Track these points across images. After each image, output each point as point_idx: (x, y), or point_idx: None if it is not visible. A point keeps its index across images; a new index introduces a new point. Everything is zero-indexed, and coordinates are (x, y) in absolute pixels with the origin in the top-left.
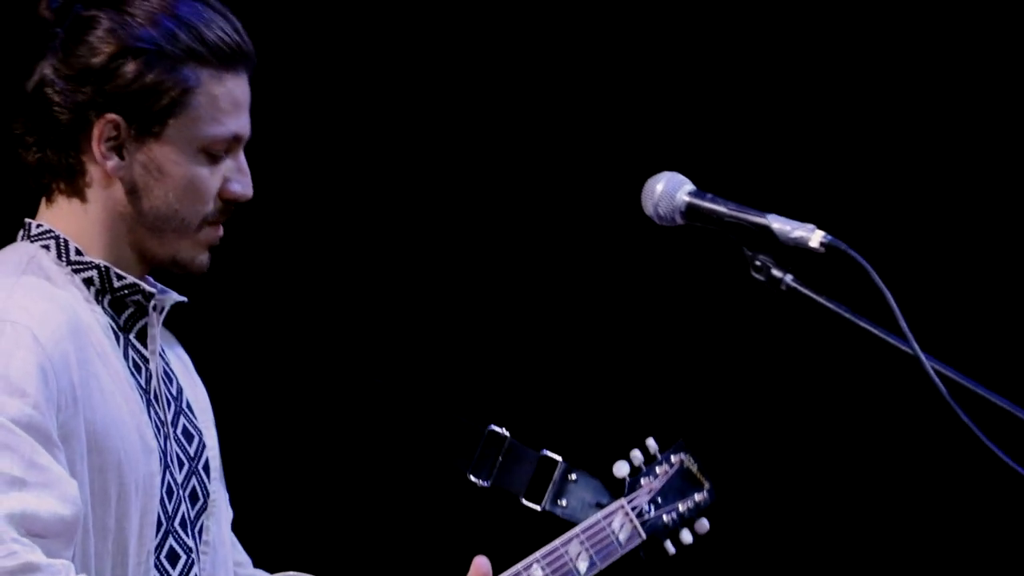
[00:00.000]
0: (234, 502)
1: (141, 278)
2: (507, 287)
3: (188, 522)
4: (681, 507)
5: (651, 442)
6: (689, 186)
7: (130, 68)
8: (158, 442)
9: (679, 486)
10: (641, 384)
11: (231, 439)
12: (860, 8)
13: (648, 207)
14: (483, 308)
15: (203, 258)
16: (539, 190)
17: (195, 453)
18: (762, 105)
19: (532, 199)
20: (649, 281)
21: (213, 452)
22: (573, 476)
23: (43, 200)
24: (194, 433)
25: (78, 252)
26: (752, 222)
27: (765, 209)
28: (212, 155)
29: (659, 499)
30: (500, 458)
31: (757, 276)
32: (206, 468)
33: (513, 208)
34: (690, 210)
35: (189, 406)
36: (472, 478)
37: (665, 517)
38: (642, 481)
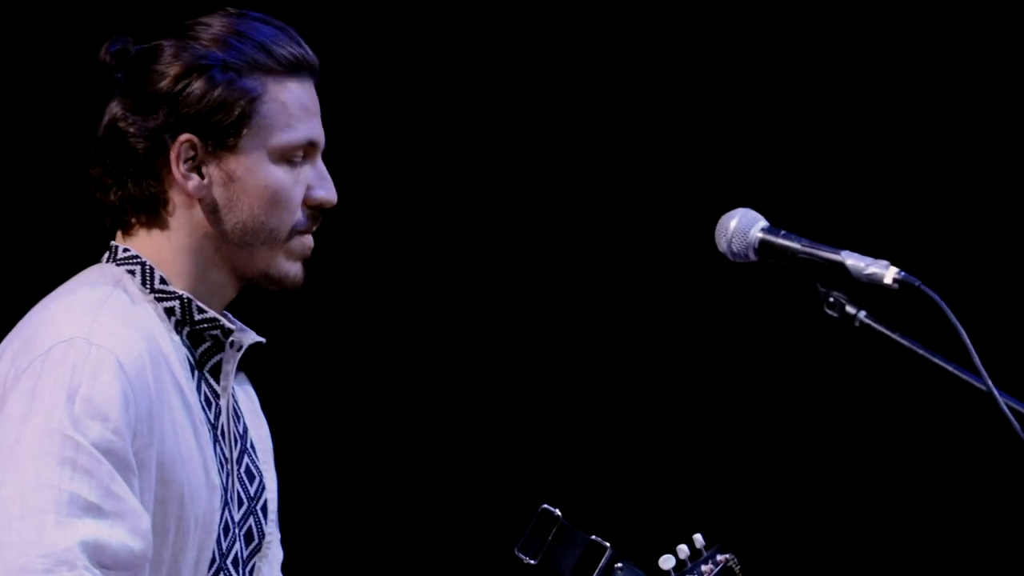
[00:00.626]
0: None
1: (222, 313)
2: (579, 365)
3: (240, 561)
4: None
5: (698, 538)
6: (762, 222)
7: (197, 86)
8: (221, 479)
9: None
10: (696, 476)
11: (287, 482)
12: (940, 48)
13: (721, 244)
14: (552, 386)
15: (296, 270)
16: (601, 253)
17: (255, 493)
18: (836, 141)
19: (590, 264)
20: (717, 370)
21: (272, 495)
22: (619, 565)
23: (119, 234)
24: (256, 473)
25: (163, 281)
26: (825, 258)
27: (837, 245)
28: (290, 162)
29: None
30: (549, 538)
31: (831, 313)
32: (264, 509)
33: (570, 276)
34: (763, 246)
35: (253, 446)
36: (520, 555)
37: None
38: None
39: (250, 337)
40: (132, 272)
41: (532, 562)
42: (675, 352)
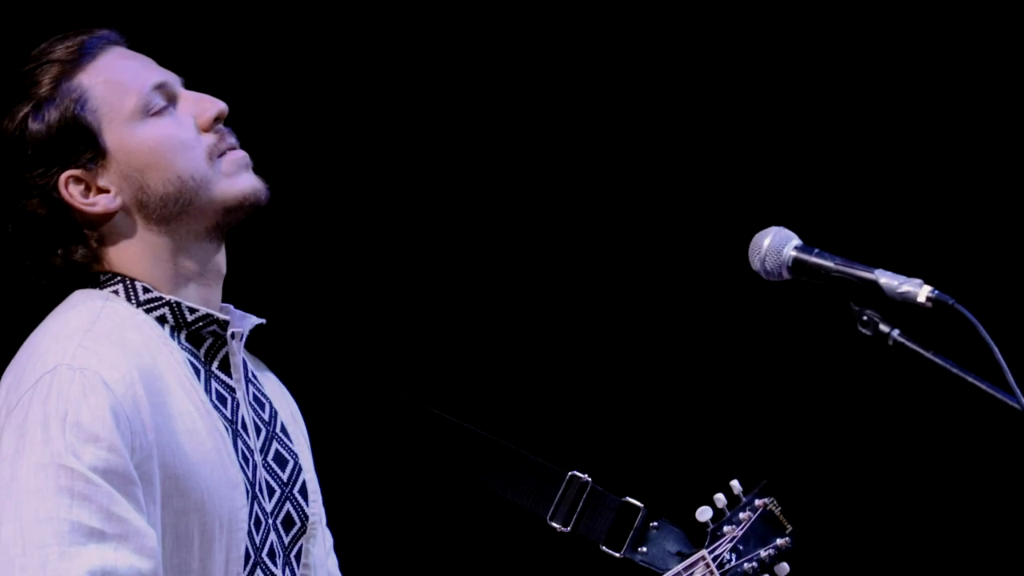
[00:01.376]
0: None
1: (221, 307)
2: (594, 330)
3: (279, 551)
4: (763, 553)
5: (735, 484)
6: (796, 241)
7: (33, 127)
8: (244, 474)
9: (761, 531)
10: (727, 426)
11: (324, 466)
12: (980, 71)
13: (755, 262)
14: (568, 351)
15: (247, 182)
16: (616, 226)
17: (289, 477)
18: (871, 161)
19: (604, 234)
20: (740, 325)
21: (310, 474)
22: (654, 523)
23: (77, 288)
24: (288, 457)
25: (146, 290)
26: (859, 277)
27: (871, 264)
28: (155, 114)
29: (740, 547)
30: (581, 504)
31: (864, 331)
32: (303, 492)
33: (592, 244)
34: (797, 265)
35: (284, 429)
36: (552, 523)
37: (746, 565)
38: (724, 529)
39: (250, 322)
40: (116, 291)
41: (566, 530)
42: (697, 345)
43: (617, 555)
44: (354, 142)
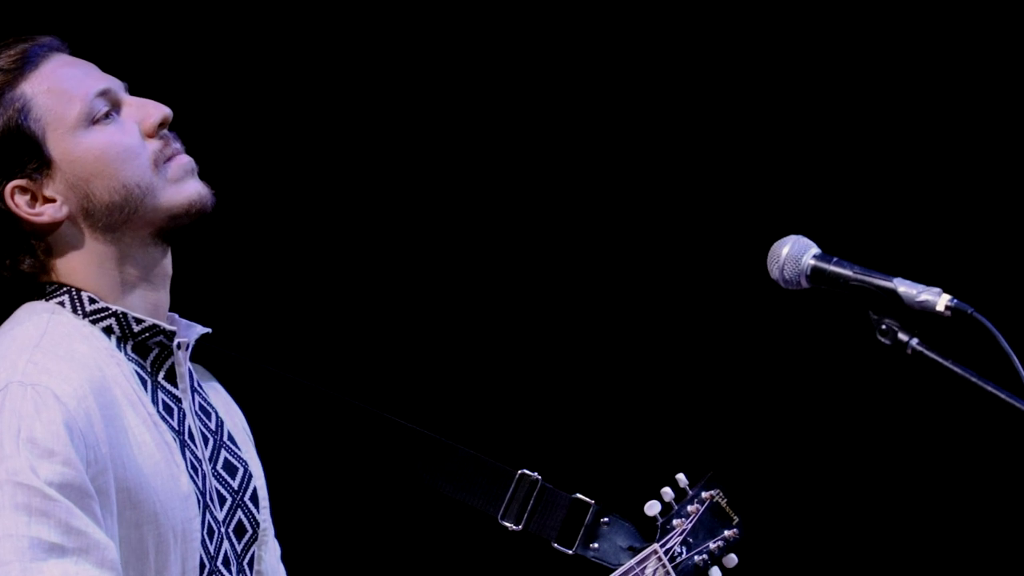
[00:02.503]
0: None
1: (167, 316)
2: (532, 327)
3: (233, 559)
4: (712, 545)
5: (681, 477)
6: (815, 249)
7: None
8: (195, 484)
9: (709, 524)
10: (671, 420)
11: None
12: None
13: (774, 270)
14: (510, 349)
15: (192, 188)
16: (570, 213)
17: (240, 485)
18: (889, 169)
19: (558, 220)
20: (681, 316)
21: (260, 481)
22: (605, 519)
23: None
24: (237, 465)
25: (92, 301)
26: (878, 285)
27: (890, 272)
28: (98, 121)
29: (690, 539)
30: (531, 502)
31: (883, 340)
32: (253, 498)
33: (537, 234)
34: (815, 273)
35: (231, 438)
36: (503, 522)
37: (697, 558)
38: (674, 522)
39: (196, 332)
40: (62, 303)
41: (517, 528)
42: (637, 307)
43: (569, 552)
44: (310, 142)
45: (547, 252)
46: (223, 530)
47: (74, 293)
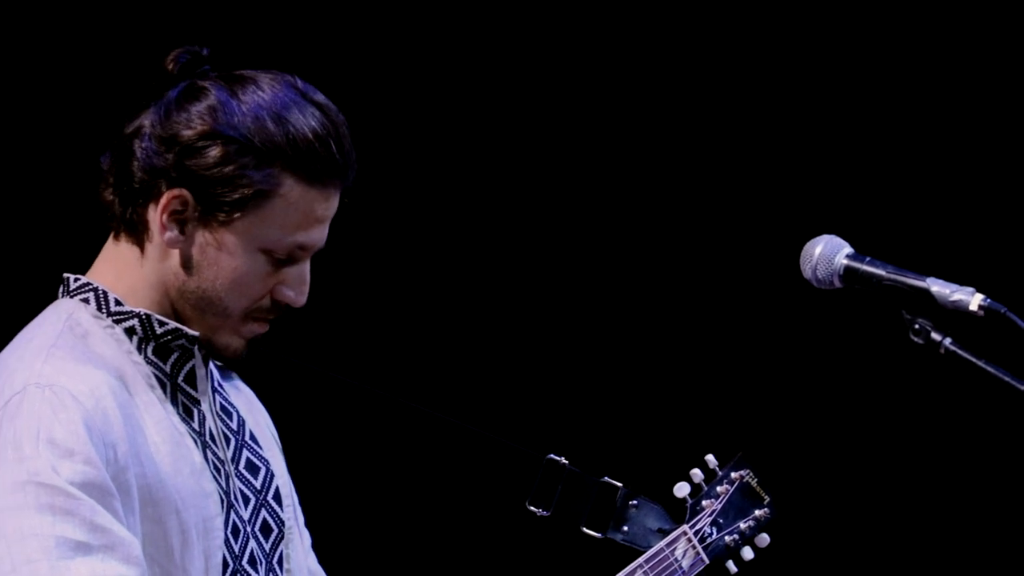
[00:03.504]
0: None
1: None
2: (558, 315)
3: (261, 558)
4: (743, 525)
5: (711, 458)
6: (847, 249)
7: (213, 153)
8: (218, 484)
9: (740, 503)
10: (700, 401)
11: (295, 464)
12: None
13: (806, 270)
14: (537, 336)
15: (237, 346)
16: (593, 209)
17: (262, 485)
18: (922, 168)
19: (579, 215)
20: (709, 303)
21: (282, 480)
22: (634, 502)
23: (111, 237)
24: (260, 464)
25: (118, 303)
26: (911, 285)
27: (924, 272)
28: (273, 257)
29: (720, 520)
30: (560, 487)
31: (916, 339)
32: (276, 498)
33: (560, 224)
34: (848, 273)
35: (253, 437)
36: (531, 508)
37: (727, 538)
38: (703, 503)
39: None
40: (86, 300)
41: (545, 513)
42: (664, 295)
43: (599, 536)
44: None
45: (580, 236)
46: (249, 529)
47: (100, 292)
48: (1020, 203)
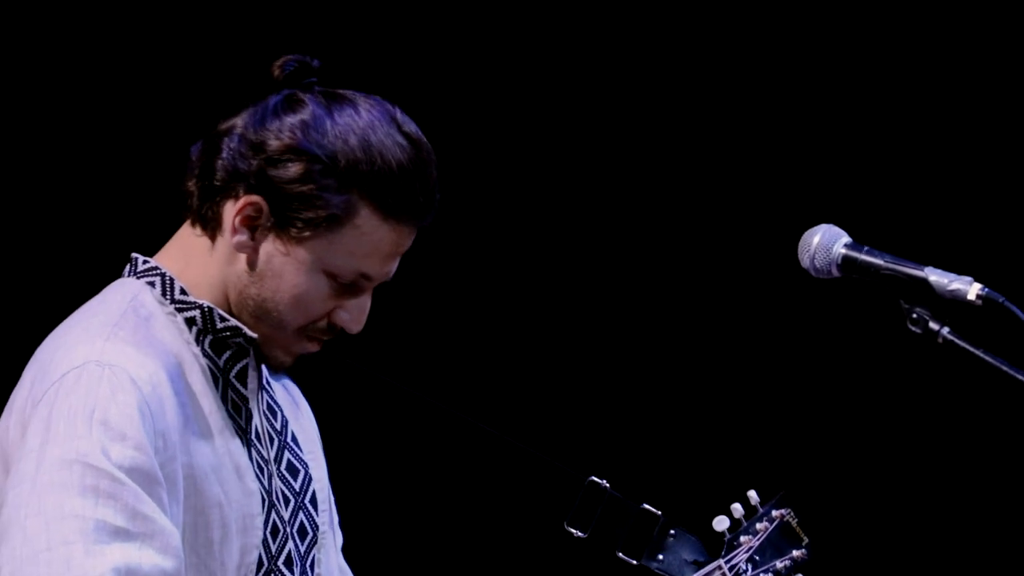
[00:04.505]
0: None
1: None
2: (609, 336)
3: (297, 559)
4: (779, 564)
5: (752, 494)
6: (845, 238)
7: (295, 168)
8: (260, 483)
9: (777, 542)
10: (745, 436)
11: (335, 466)
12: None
13: (804, 259)
14: (586, 357)
15: (285, 359)
16: (648, 238)
17: (300, 488)
18: (920, 157)
19: (626, 245)
20: (763, 336)
21: (320, 484)
22: (672, 531)
23: (186, 224)
24: (299, 467)
25: (183, 292)
26: (908, 274)
27: (922, 262)
28: (336, 281)
29: (757, 557)
30: (599, 510)
31: (913, 328)
32: (313, 501)
33: (607, 254)
34: (846, 262)
35: (295, 438)
36: (569, 528)
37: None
38: (741, 539)
39: None
40: (152, 283)
41: (583, 535)
42: (718, 324)
43: (634, 562)
44: None
45: (614, 262)
46: (288, 530)
47: (168, 278)
48: (1018, 193)
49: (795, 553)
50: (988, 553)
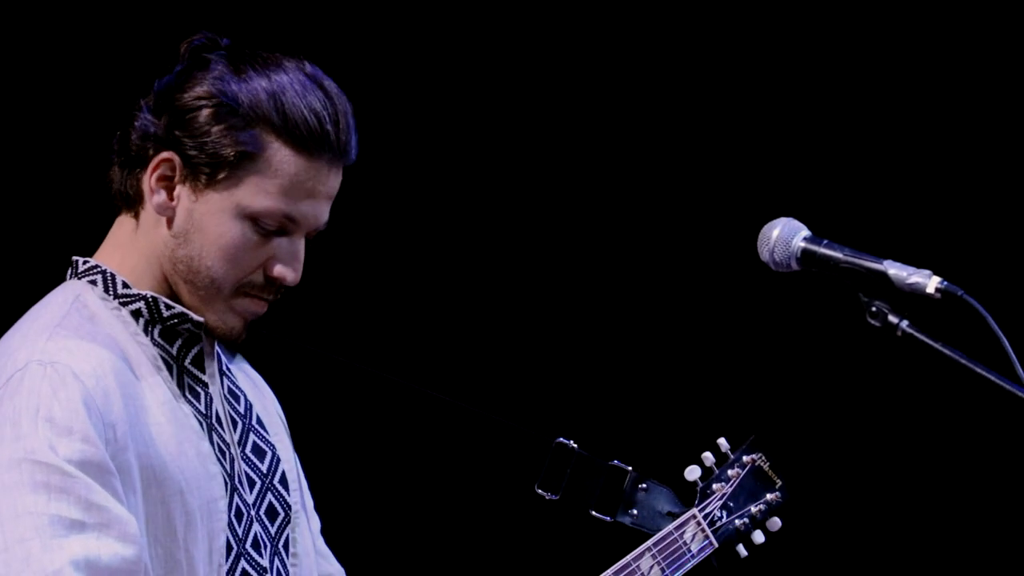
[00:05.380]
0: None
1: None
2: (564, 296)
3: (266, 541)
4: (753, 509)
5: (722, 442)
6: (805, 232)
7: (204, 114)
8: (222, 466)
9: (751, 487)
10: (710, 384)
11: (305, 450)
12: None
13: (764, 253)
14: (547, 320)
15: (234, 324)
16: (597, 196)
17: (268, 469)
18: (878, 150)
19: (581, 203)
20: (721, 290)
21: (288, 464)
22: (643, 485)
23: (116, 220)
24: (266, 448)
25: (125, 285)
26: (868, 268)
27: (881, 255)
28: (260, 226)
29: (731, 503)
30: (569, 470)
31: (873, 322)
32: (283, 482)
33: (570, 211)
34: (805, 256)
35: (260, 421)
36: (540, 491)
37: (737, 522)
38: (714, 486)
39: None
40: (93, 282)
41: (554, 497)
42: (672, 276)
43: (608, 519)
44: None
45: (584, 223)
46: (253, 513)
47: (108, 274)
48: (977, 186)
49: (769, 496)
50: (942, 528)
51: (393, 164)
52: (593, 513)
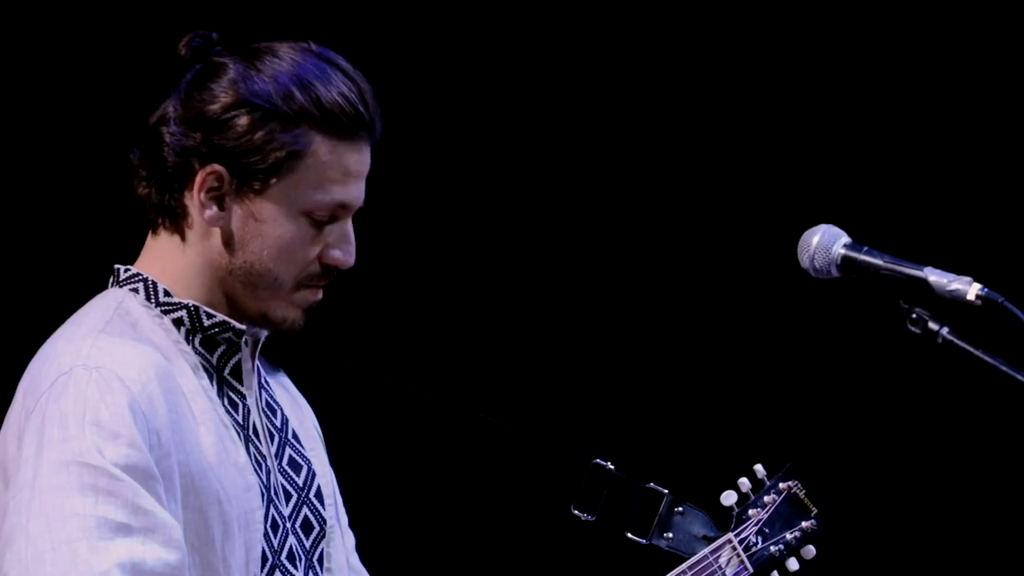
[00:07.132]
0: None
1: (232, 316)
2: (609, 322)
3: (301, 555)
4: (788, 536)
5: (759, 468)
6: (845, 239)
7: (242, 122)
8: (259, 477)
9: (786, 514)
10: (749, 410)
11: (340, 465)
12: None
13: (804, 260)
14: (588, 340)
15: (295, 317)
16: (641, 221)
17: (304, 483)
18: (920, 157)
19: (629, 221)
20: (762, 312)
21: (324, 479)
22: (679, 509)
23: (150, 232)
24: (302, 463)
25: (167, 293)
26: (908, 275)
27: (921, 262)
28: (315, 219)
29: (766, 529)
30: (605, 492)
31: (913, 329)
32: (318, 496)
33: (604, 228)
34: (846, 263)
35: (295, 435)
36: (576, 512)
37: (772, 548)
38: (749, 512)
39: (264, 331)
40: (135, 290)
41: (591, 518)
42: (717, 301)
43: (643, 541)
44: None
45: (627, 242)
46: (289, 525)
47: (150, 283)
48: (1018, 193)
49: (804, 524)
50: (985, 553)
51: (424, 173)
52: (628, 535)
